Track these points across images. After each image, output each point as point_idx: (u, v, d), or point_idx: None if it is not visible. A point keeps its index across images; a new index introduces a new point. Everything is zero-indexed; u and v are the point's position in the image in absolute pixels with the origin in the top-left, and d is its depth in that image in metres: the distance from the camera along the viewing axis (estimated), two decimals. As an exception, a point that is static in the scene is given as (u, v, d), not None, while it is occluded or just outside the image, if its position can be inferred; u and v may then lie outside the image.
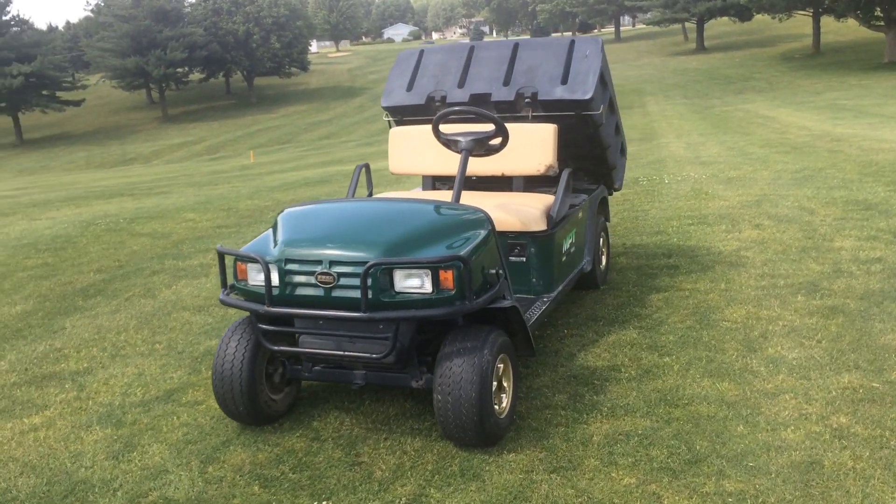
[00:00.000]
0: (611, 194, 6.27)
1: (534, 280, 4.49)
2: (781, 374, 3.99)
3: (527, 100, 5.06)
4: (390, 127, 5.64)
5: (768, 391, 3.82)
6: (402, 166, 5.24)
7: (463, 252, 3.36)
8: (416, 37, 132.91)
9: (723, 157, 12.71)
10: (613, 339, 4.60)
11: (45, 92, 55.25)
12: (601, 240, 5.64)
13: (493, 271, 3.59)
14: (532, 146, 4.84)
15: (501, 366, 3.56)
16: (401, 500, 3.12)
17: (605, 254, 5.74)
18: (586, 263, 5.15)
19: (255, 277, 3.56)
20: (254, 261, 3.48)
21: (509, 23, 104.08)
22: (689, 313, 4.94)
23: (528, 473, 3.26)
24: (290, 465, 3.45)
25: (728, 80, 43.21)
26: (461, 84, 5.28)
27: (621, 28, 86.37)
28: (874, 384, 3.82)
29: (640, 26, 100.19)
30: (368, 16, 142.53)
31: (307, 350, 3.56)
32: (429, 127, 5.12)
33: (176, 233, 9.17)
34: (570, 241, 4.83)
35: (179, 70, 60.15)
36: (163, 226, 9.71)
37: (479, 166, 5.01)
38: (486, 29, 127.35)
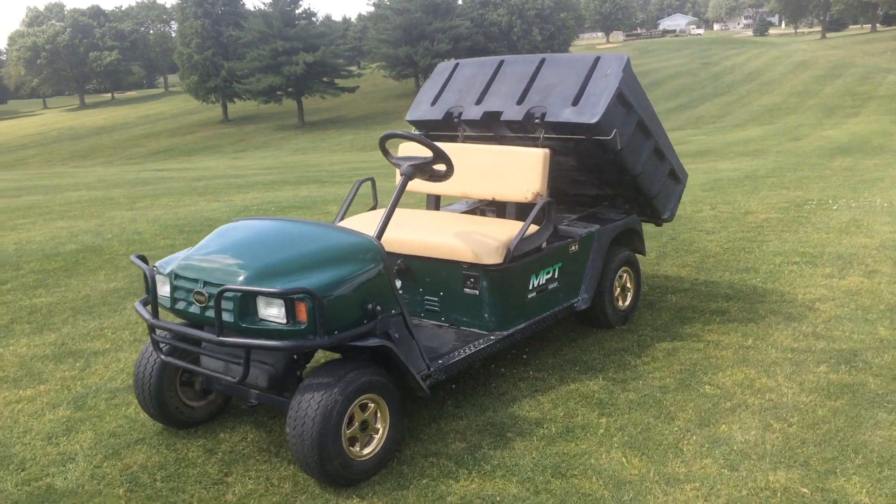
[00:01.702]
0: (658, 225, 5.72)
1: (485, 315, 4.27)
2: (707, 460, 3.47)
3: (536, 120, 4.79)
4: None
5: (673, 477, 3.35)
6: (414, 182, 5.18)
7: (314, 284, 3.30)
8: (696, 27, 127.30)
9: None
10: (571, 389, 4.25)
11: (325, 79, 60.39)
12: (625, 276, 5.18)
13: (370, 307, 3.49)
14: (520, 172, 4.59)
15: (372, 405, 3.47)
16: (217, 527, 3.17)
17: (631, 291, 5.26)
18: (580, 302, 4.78)
19: (161, 287, 3.75)
20: (155, 271, 3.69)
21: (799, 14, 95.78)
22: (679, 370, 4.42)
23: (355, 523, 3.16)
24: (166, 473, 3.62)
25: None
26: (479, 100, 5.11)
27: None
28: (804, 490, 3.20)
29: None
30: (645, 6, 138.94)
31: (182, 364, 3.69)
32: (449, 145, 5.04)
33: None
34: (545, 276, 4.51)
35: (444, 61, 62.89)
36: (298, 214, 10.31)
37: (474, 189, 4.84)
38: (773, 20, 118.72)
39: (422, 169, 4.02)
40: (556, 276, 4.60)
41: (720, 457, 3.48)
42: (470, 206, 5.56)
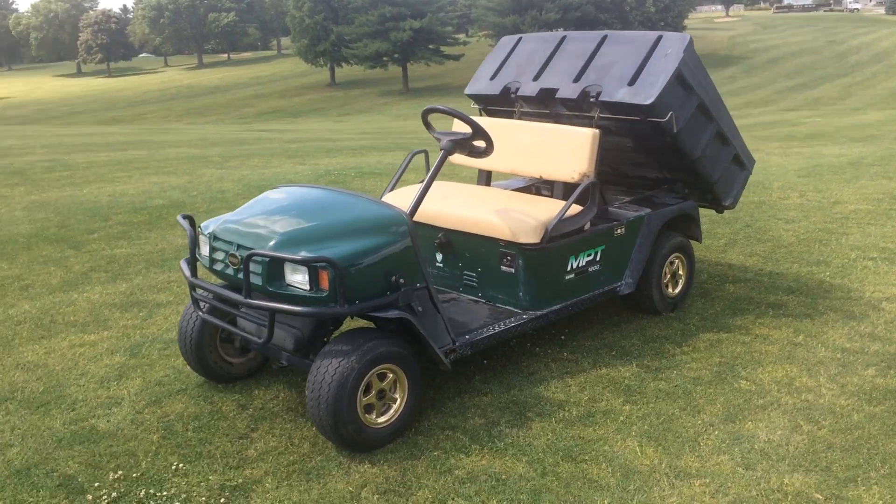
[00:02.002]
0: (720, 212, 5.54)
1: (520, 294, 4.26)
2: (723, 456, 3.40)
3: (591, 99, 4.71)
4: (479, 114, 5.59)
5: (684, 471, 3.30)
6: (459, 157, 5.19)
7: (338, 254, 3.39)
8: (821, 4, 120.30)
9: None
10: (601, 374, 4.21)
11: (430, 46, 60.49)
12: (676, 262, 5.06)
13: (394, 279, 3.55)
14: (567, 152, 4.53)
15: (391, 375, 3.55)
16: (234, 481, 3.32)
17: (683, 278, 5.13)
18: (624, 286, 4.70)
19: (203, 247, 3.92)
20: (199, 232, 3.87)
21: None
22: (718, 362, 4.31)
23: (361, 489, 3.26)
24: (199, 424, 3.81)
25: None
26: (536, 77, 5.06)
27: None
28: (817, 495, 3.10)
29: None
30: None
31: (218, 322, 3.85)
32: (490, 119, 5.02)
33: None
34: (585, 258, 4.45)
35: (549, 32, 61.90)
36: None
37: (523, 166, 4.81)
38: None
39: (461, 145, 4.03)
40: (597, 258, 4.54)
41: (738, 454, 3.40)
42: (526, 182, 5.53)
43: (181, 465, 3.45)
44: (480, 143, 4.06)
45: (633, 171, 5.41)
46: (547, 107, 5.03)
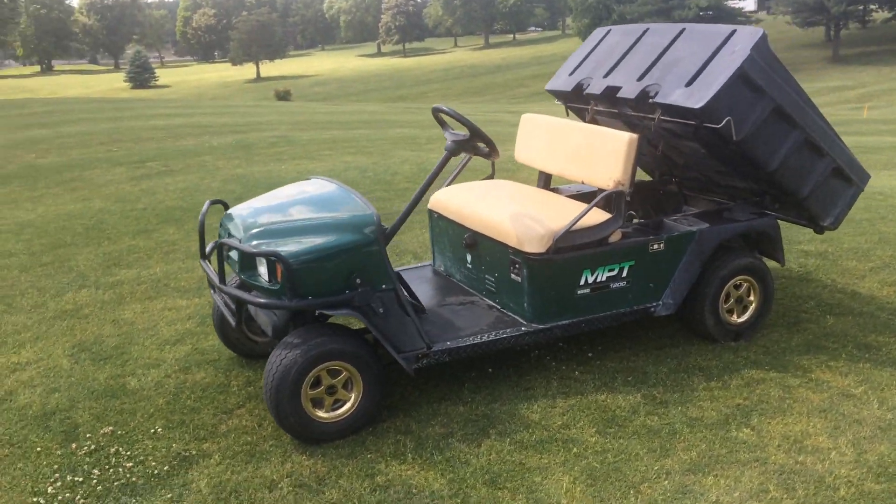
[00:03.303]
0: (819, 232, 4.80)
1: (525, 305, 4.08)
2: (653, 509, 3.04)
3: (650, 100, 4.35)
4: (567, 114, 5.36)
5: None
6: (523, 156, 5.03)
7: (293, 249, 3.51)
8: None
9: None
10: (598, 399, 3.92)
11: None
12: (744, 286, 4.50)
13: (353, 278, 3.59)
14: (606, 156, 4.24)
15: (345, 373, 3.61)
16: (189, 452, 3.61)
17: (753, 305, 4.55)
18: (661, 307, 4.29)
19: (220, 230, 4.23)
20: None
21: None
22: (737, 405, 3.82)
23: (283, 478, 3.38)
24: (202, 395, 4.14)
25: None
26: (608, 73, 4.75)
27: None
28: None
29: None
30: None
31: (217, 301, 4.12)
32: (555, 120, 4.82)
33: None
34: (606, 272, 4.13)
35: (861, 7, 55.76)
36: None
37: (568, 170, 4.59)
38: None
39: (464, 146, 3.96)
40: (624, 274, 4.19)
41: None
42: (592, 188, 5.23)
43: (161, 430, 3.80)
44: (483, 145, 3.95)
45: (723, 180, 4.89)
46: (615, 106, 4.71)
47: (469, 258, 4.52)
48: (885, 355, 4.33)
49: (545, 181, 5.09)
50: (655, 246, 4.25)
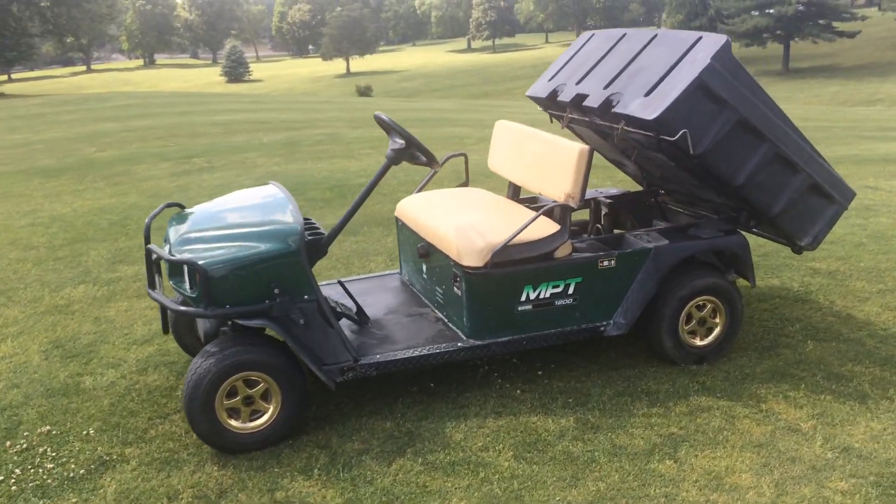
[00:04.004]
0: (797, 252, 4.48)
1: (464, 319, 3.96)
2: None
3: (613, 109, 4.17)
4: (550, 121, 5.19)
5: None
6: (493, 163, 4.90)
7: (210, 257, 3.51)
8: None
9: None
10: (525, 422, 3.77)
11: (821, 21, 54.71)
12: (707, 307, 4.25)
13: (271, 288, 3.56)
14: (557, 168, 4.10)
15: (263, 384, 3.59)
16: (111, 456, 3.66)
17: (719, 327, 4.29)
18: (612, 327, 4.09)
19: None
20: None
21: None
22: (669, 435, 3.61)
23: (186, 489, 3.38)
24: (147, 397, 4.18)
25: None
26: (580, 80, 4.58)
27: None
28: None
29: None
30: None
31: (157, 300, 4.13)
32: (521, 127, 4.68)
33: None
34: (550, 289, 3.97)
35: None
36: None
37: (528, 180, 4.46)
38: None
39: (401, 154, 3.90)
40: (570, 291, 4.02)
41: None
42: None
43: (94, 432, 3.86)
44: (419, 155, 3.87)
45: (702, 194, 4.64)
46: (585, 114, 4.54)
47: (424, 268, 4.44)
48: (853, 388, 4.01)
49: (514, 190, 4.95)
50: (606, 263, 4.06)
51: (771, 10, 52.85)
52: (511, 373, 4.27)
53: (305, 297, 3.64)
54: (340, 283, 4.33)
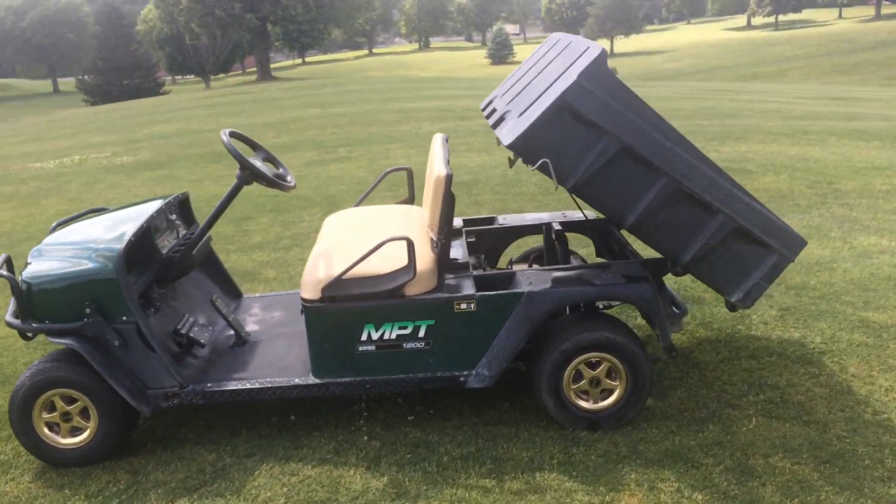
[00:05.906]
0: (731, 310, 3.57)
1: (309, 355, 3.65)
2: None
3: (495, 129, 3.64)
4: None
5: None
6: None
7: (27, 271, 3.56)
8: None
9: None
10: (332, 475, 3.38)
11: None
12: (602, 366, 3.52)
13: (85, 307, 3.51)
14: (428, 195, 3.64)
15: (80, 402, 3.58)
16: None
17: (619, 389, 3.54)
18: (474, 378, 3.53)
19: None
20: None
21: None
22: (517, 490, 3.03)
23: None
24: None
25: None
26: (505, 91, 4.02)
27: None
28: None
29: None
30: None
31: None
32: (436, 148, 4.22)
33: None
34: (396, 329, 3.51)
35: None
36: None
37: (426, 205, 3.99)
38: None
39: (247, 178, 3.70)
40: (420, 334, 3.52)
41: None
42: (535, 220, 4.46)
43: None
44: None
45: None
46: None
47: None
48: (752, 489, 3.10)
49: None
50: (464, 305, 3.50)
51: None
52: (398, 410, 3.89)
53: (123, 318, 3.55)
54: (212, 301, 4.18)
